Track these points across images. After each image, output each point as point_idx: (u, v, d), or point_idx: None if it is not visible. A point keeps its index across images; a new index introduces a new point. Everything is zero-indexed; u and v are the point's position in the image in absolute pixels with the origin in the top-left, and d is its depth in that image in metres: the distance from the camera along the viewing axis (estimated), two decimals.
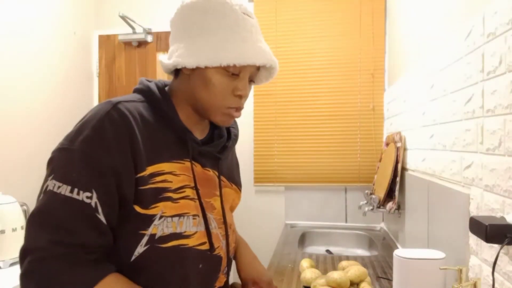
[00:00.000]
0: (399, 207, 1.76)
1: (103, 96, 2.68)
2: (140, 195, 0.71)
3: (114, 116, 0.70)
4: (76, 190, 0.66)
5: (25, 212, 1.72)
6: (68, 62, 2.43)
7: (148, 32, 2.58)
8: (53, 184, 0.67)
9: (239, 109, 0.81)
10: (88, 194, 0.67)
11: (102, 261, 0.70)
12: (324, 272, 1.45)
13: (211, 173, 0.86)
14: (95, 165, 0.68)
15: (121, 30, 2.62)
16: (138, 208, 0.71)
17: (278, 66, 0.82)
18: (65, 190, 0.66)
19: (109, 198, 0.69)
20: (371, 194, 2.03)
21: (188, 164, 0.79)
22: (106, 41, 2.69)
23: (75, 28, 2.50)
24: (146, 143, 0.73)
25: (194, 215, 0.78)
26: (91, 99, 2.67)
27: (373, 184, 2.14)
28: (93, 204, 0.67)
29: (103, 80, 2.69)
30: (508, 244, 0.71)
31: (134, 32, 2.58)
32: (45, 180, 0.69)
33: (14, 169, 1.96)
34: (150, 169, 0.73)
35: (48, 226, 0.65)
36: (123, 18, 2.41)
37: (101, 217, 0.68)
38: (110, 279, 0.68)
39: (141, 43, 2.64)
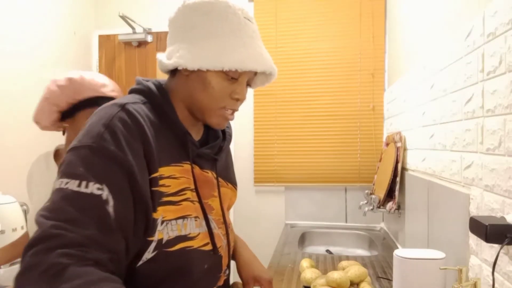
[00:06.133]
0: (399, 207, 1.76)
1: None
2: (152, 197, 0.71)
3: (125, 117, 0.69)
4: (84, 183, 0.62)
5: (25, 212, 1.72)
6: (68, 62, 2.43)
7: (148, 32, 2.58)
8: (60, 182, 0.64)
9: (234, 111, 0.82)
10: (99, 185, 0.63)
11: (105, 265, 0.63)
12: (324, 272, 1.45)
13: (210, 174, 0.86)
14: (106, 159, 0.64)
15: (121, 30, 2.62)
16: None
17: (276, 73, 0.83)
18: (72, 185, 0.62)
19: (123, 196, 0.65)
20: (371, 194, 2.03)
21: (187, 166, 0.79)
22: (106, 41, 2.69)
23: (75, 28, 2.50)
24: (155, 144, 0.72)
25: (195, 217, 0.78)
26: None
27: (373, 184, 2.14)
28: (104, 196, 0.63)
29: None
30: (508, 244, 0.71)
31: (134, 32, 2.58)
32: (55, 181, 0.66)
33: (14, 169, 1.96)
34: (160, 171, 0.72)
35: (53, 217, 0.60)
36: (123, 18, 2.41)
37: (110, 210, 0.63)
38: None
39: (141, 43, 2.64)
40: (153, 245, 0.71)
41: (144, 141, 0.70)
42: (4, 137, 1.92)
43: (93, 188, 0.62)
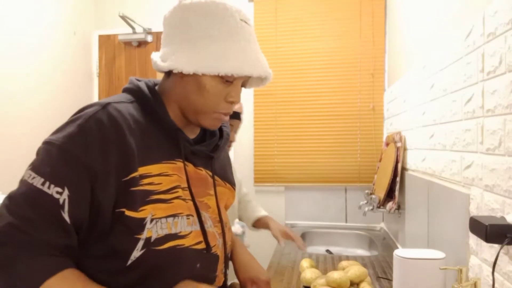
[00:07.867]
0: (399, 207, 1.76)
1: (103, 96, 2.68)
2: (131, 197, 0.70)
3: (102, 117, 0.70)
4: (47, 183, 0.66)
5: None
6: (68, 62, 2.43)
7: (148, 32, 2.58)
8: (28, 174, 0.68)
9: (228, 113, 0.82)
10: (59, 189, 0.66)
11: (62, 257, 0.69)
12: (324, 272, 1.45)
13: (204, 172, 0.85)
14: (71, 162, 0.67)
15: (121, 30, 2.62)
16: (128, 212, 0.70)
17: (271, 77, 0.84)
18: (37, 181, 0.66)
19: (80, 198, 0.68)
20: (371, 194, 2.03)
21: (180, 164, 0.78)
22: (106, 41, 2.69)
23: (75, 28, 2.50)
24: (138, 144, 0.73)
25: (187, 215, 0.77)
26: (91, 99, 2.67)
27: (373, 184, 2.14)
28: (61, 201, 0.66)
29: (103, 80, 2.70)
30: (508, 244, 0.71)
31: (134, 32, 2.58)
32: (26, 170, 0.70)
33: (14, 169, 1.96)
34: (141, 170, 0.72)
35: (13, 213, 0.66)
36: (123, 18, 2.41)
37: (65, 216, 0.67)
38: (68, 273, 0.67)
39: (141, 43, 2.64)
40: (140, 243, 0.71)
41: (120, 142, 0.70)
42: (4, 137, 1.92)
43: (53, 190, 0.66)
